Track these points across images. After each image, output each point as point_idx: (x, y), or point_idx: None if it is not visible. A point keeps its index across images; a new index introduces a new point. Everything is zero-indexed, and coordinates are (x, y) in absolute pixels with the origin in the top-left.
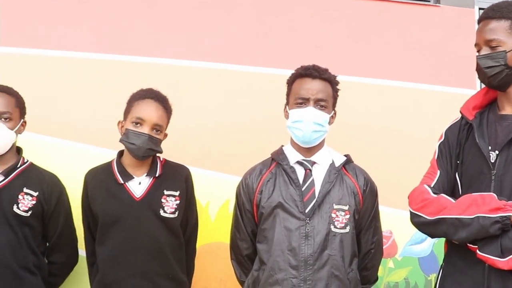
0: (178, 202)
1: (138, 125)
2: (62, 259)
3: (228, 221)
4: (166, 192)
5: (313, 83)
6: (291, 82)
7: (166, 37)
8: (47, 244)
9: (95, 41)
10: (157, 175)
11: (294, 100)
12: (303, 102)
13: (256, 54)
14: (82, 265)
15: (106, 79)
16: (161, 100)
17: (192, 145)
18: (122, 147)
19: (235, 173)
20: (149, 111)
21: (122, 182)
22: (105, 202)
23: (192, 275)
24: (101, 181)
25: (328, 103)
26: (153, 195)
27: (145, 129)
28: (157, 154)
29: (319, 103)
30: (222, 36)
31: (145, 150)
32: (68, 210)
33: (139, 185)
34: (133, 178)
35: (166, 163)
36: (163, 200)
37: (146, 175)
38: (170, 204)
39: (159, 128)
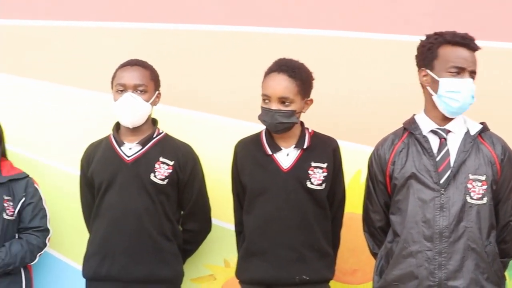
0: (325, 174)
1: (267, 101)
2: (196, 227)
3: (359, 192)
4: (313, 164)
5: (470, 55)
6: (436, 47)
7: (296, 7)
8: (182, 212)
9: (231, 13)
10: (305, 147)
11: (447, 68)
12: (459, 71)
13: (386, 21)
14: (215, 234)
15: (241, 51)
16: (286, 70)
17: (323, 115)
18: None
19: (366, 143)
20: (271, 86)
21: (270, 153)
22: (253, 173)
23: (338, 248)
24: (250, 152)
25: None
26: (301, 167)
27: (272, 105)
28: (306, 126)
29: (472, 75)
30: (350, 4)
31: (275, 125)
32: (202, 180)
33: (287, 156)
34: (281, 149)
35: (315, 135)
36: (310, 172)
37: (294, 147)
38: (317, 176)
39: (286, 100)
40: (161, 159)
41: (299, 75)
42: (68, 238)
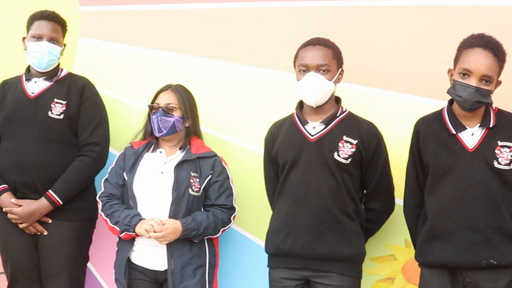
0: None
1: (466, 76)
2: (379, 206)
3: None
4: (500, 143)
5: None
6: None
7: None
8: (365, 191)
9: None
10: (490, 126)
11: None
12: None
13: None
14: (397, 213)
15: (423, 27)
16: (492, 48)
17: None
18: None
19: None
20: (476, 62)
21: (454, 132)
22: (437, 152)
23: None
24: (433, 131)
25: None
26: (487, 146)
27: (472, 81)
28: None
29: None
30: None
31: (472, 103)
32: (386, 158)
33: (471, 136)
34: (466, 128)
35: (500, 113)
36: (497, 151)
37: (479, 126)
38: (504, 156)
39: (488, 79)
40: (345, 138)
41: (502, 54)
42: (252, 214)
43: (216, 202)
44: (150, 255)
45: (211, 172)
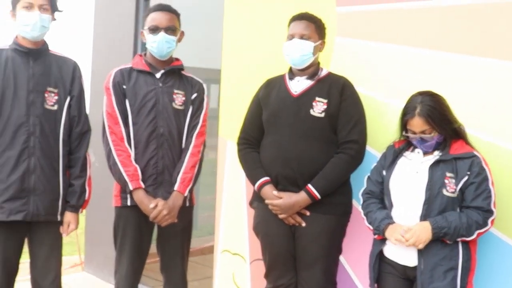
0: None
1: None
2: None
3: None
4: None
5: None
6: None
7: None
8: None
9: None
10: None
11: None
12: None
13: None
14: None
15: None
16: None
17: None
18: None
19: None
20: None
21: None
22: None
23: None
24: None
25: None
26: None
27: None
28: None
29: None
30: None
31: None
32: None
33: None
34: None
35: None
36: None
37: None
38: None
39: None
40: None
41: None
42: (510, 216)
43: (472, 204)
44: (402, 249)
45: (468, 173)
